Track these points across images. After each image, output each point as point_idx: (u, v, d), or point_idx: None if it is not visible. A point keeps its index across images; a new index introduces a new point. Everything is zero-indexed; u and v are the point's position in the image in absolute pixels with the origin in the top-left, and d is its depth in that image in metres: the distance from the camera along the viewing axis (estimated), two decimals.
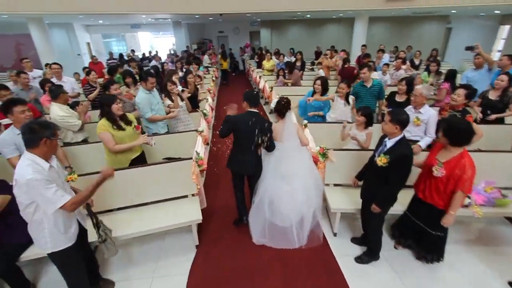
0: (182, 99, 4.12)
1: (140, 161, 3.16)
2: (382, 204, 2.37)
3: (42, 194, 1.73)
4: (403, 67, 6.93)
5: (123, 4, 8.57)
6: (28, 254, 2.39)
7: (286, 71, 7.19)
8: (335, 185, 3.23)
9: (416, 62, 8.28)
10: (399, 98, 3.93)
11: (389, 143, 2.29)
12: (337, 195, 3.07)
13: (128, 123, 3.01)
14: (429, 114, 3.11)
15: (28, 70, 5.59)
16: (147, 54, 13.43)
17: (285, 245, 2.85)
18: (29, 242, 2.43)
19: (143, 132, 3.89)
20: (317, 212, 2.92)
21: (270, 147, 2.81)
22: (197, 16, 11.36)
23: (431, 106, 4.90)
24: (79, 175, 2.58)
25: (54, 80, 4.91)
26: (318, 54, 12.31)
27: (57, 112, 3.37)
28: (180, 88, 4.36)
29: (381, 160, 2.25)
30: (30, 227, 1.90)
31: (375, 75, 5.60)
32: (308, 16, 13.39)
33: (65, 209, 1.82)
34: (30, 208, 1.81)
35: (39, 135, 1.79)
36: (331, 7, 9.60)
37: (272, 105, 2.91)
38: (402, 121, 2.23)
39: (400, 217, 2.80)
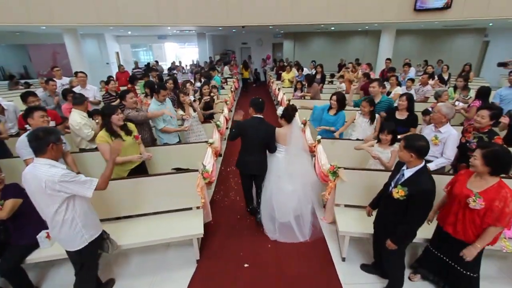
0: (194, 110, 4.22)
1: (139, 171, 3.23)
2: (399, 242, 2.17)
3: (77, 182, 1.90)
4: (430, 82, 6.63)
5: (151, 17, 9.08)
6: (34, 257, 2.49)
7: (304, 84, 7.15)
8: (346, 206, 3.09)
9: (445, 77, 7.91)
10: (399, 115, 3.76)
11: (407, 172, 2.06)
12: (347, 217, 2.93)
13: (129, 133, 3.11)
14: (449, 134, 2.92)
15: (57, 78, 6.03)
16: (173, 64, 14.00)
17: (291, 240, 3.12)
18: (35, 244, 2.55)
19: (154, 140, 4.02)
20: (314, 205, 3.34)
21: (272, 149, 3.17)
22: (220, 28, 11.74)
23: (461, 124, 4.63)
24: None
25: (78, 88, 5.24)
26: (341, 67, 12.17)
27: (75, 118, 3.57)
28: (192, 98, 4.48)
29: (398, 193, 2.02)
30: (62, 230, 1.99)
31: (399, 90, 5.39)
32: (333, 28, 13.35)
33: (100, 188, 2.01)
34: (62, 207, 1.92)
35: (46, 141, 1.89)
36: (356, 20, 9.51)
37: (279, 112, 3.23)
38: (418, 149, 1.99)
39: (422, 252, 2.59)
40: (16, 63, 13.64)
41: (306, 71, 9.25)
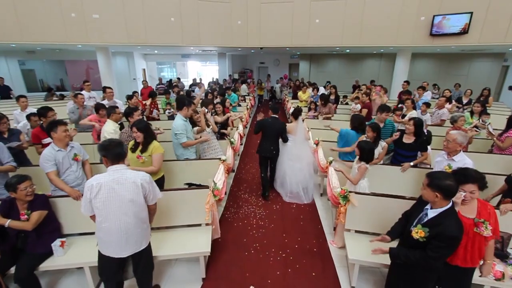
0: (208, 125, 4.26)
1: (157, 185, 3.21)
2: (398, 258, 1.97)
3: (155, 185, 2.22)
4: (447, 106, 6.39)
5: (175, 38, 9.49)
6: (47, 265, 2.50)
7: (318, 104, 7.07)
8: (357, 231, 2.93)
9: (464, 101, 7.60)
10: (406, 139, 3.61)
11: (431, 213, 1.85)
12: (357, 244, 2.76)
13: (145, 150, 3.10)
14: (464, 163, 2.73)
15: (86, 90, 6.34)
16: (194, 80, 14.41)
17: (299, 201, 4.33)
18: (49, 253, 2.56)
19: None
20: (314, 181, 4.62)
21: (284, 139, 4.35)
22: (239, 49, 12.05)
23: (490, 152, 4.34)
24: None
25: (105, 101, 5.46)
26: (355, 88, 12.05)
27: (109, 126, 3.81)
28: (206, 110, 4.60)
29: (418, 233, 1.83)
30: (144, 231, 2.17)
31: (414, 114, 5.21)
32: (348, 51, 13.36)
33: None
34: (145, 206, 2.16)
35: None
36: (371, 44, 9.48)
37: (291, 111, 4.71)
38: (445, 188, 1.75)
39: None
40: (54, 77, 14.53)
41: (321, 90, 9.20)
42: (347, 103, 9.07)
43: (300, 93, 9.23)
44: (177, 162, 3.79)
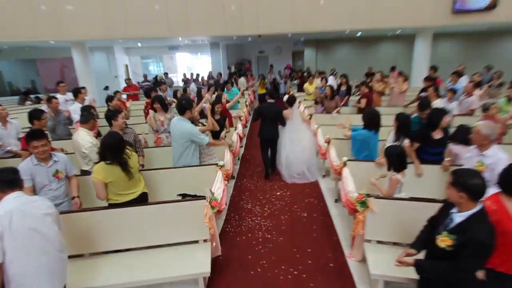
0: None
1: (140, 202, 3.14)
2: (424, 271, 1.94)
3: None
4: (477, 92, 6.32)
5: (161, 28, 9.50)
6: None
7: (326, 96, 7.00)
8: (378, 242, 2.90)
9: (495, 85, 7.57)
10: (436, 134, 3.56)
11: (458, 217, 1.83)
12: (380, 256, 2.74)
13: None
14: (497, 158, 2.70)
15: (61, 93, 6.37)
16: (185, 75, 14.15)
17: (304, 181, 5.26)
18: None
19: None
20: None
21: (283, 123, 5.21)
22: (234, 38, 12.07)
23: None
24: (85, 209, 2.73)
25: (78, 105, 5.42)
26: (368, 76, 11.96)
27: (85, 139, 3.60)
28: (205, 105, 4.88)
29: (443, 241, 1.80)
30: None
31: (438, 103, 5.16)
32: (359, 34, 13.36)
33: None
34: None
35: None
36: (385, 25, 9.45)
37: (285, 99, 5.56)
38: (471, 188, 1.74)
39: None
40: (24, 78, 14.61)
41: (330, 81, 9.16)
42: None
43: (306, 85, 9.21)
44: (168, 170, 3.78)
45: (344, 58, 15.86)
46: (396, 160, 2.94)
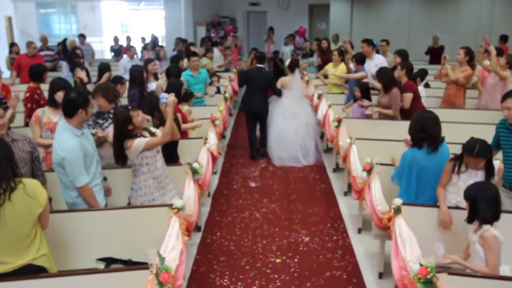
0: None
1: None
2: None
3: None
4: None
5: None
6: None
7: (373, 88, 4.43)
8: None
9: None
10: None
11: None
12: None
13: None
14: None
15: None
16: (117, 39, 9.21)
17: (297, 164, 4.65)
18: None
19: None
20: (318, 144, 4.92)
21: (276, 92, 4.72)
22: None
23: None
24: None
25: None
26: (434, 51, 7.83)
27: None
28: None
29: None
30: None
31: None
32: None
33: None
34: None
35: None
36: None
37: (286, 64, 4.85)
38: None
39: None
40: None
41: (377, 59, 5.14)
42: (427, 85, 5.53)
43: (329, 66, 5.58)
44: (81, 213, 2.27)
45: (398, 19, 10.08)
46: (490, 206, 1.85)
